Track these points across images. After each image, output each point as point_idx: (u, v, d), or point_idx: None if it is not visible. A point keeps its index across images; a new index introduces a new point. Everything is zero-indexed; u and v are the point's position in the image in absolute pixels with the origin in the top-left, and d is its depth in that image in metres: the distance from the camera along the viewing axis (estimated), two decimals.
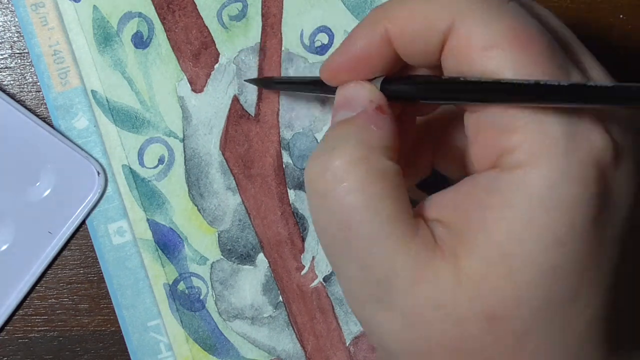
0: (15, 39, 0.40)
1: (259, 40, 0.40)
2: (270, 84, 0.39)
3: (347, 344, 0.41)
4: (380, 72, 0.29)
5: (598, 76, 0.27)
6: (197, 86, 0.40)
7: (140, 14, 0.39)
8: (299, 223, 0.40)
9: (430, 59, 0.28)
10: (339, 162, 0.27)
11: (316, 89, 0.35)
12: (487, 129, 0.26)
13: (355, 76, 0.29)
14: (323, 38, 0.40)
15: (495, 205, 0.25)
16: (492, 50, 0.25)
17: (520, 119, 0.25)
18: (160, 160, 0.40)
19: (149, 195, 0.40)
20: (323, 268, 0.40)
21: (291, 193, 0.40)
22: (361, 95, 0.29)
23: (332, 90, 0.31)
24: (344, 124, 0.29)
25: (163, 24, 0.40)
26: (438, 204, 0.28)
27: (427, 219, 0.28)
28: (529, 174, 0.25)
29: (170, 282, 0.40)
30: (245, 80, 0.40)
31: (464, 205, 0.26)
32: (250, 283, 0.40)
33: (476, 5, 0.26)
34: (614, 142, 0.25)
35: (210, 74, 0.40)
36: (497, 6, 0.26)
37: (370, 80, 0.30)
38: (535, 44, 0.25)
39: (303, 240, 0.40)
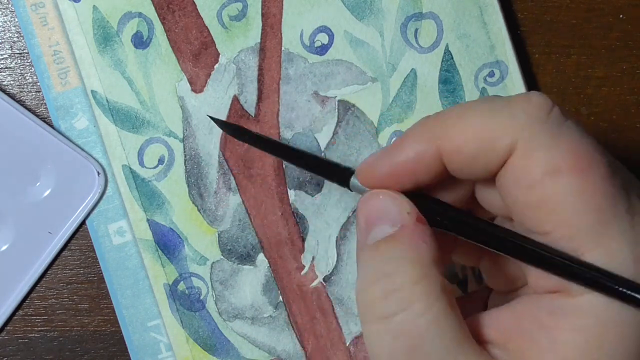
0: (15, 39, 0.40)
1: (259, 40, 0.40)
2: (239, 133, 0.38)
3: (347, 344, 0.41)
4: (423, 182, 0.28)
5: None
6: (197, 86, 0.40)
7: (140, 14, 0.39)
8: (299, 223, 0.40)
9: (482, 176, 0.27)
10: (400, 285, 0.26)
11: (285, 156, 0.35)
12: None
13: (394, 184, 0.28)
14: (323, 38, 0.40)
15: (564, 328, 0.25)
16: (553, 175, 0.25)
17: (586, 244, 0.25)
18: (160, 161, 0.40)
19: (149, 196, 0.40)
20: (323, 268, 0.40)
21: (291, 193, 0.40)
22: (395, 207, 0.28)
23: (302, 164, 0.33)
24: (390, 243, 0.28)
25: (163, 24, 0.40)
26: (494, 325, 0.27)
27: (483, 340, 0.27)
28: (598, 298, 0.25)
29: (170, 282, 0.40)
30: (210, 117, 0.39)
31: (526, 327, 0.26)
32: (250, 283, 0.40)
33: (537, 126, 0.26)
34: None
35: (210, 74, 0.40)
36: (557, 127, 0.26)
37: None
38: (595, 167, 0.25)
39: (303, 240, 0.40)
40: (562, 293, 0.26)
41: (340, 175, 0.31)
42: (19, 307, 0.40)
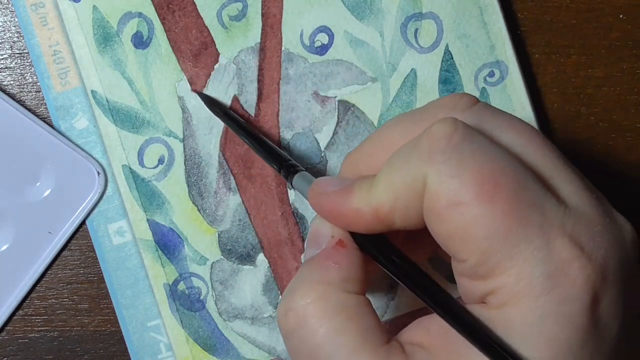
0: (15, 39, 0.40)
1: (259, 40, 0.40)
2: (219, 111, 0.39)
3: None
4: (369, 232, 0.29)
5: (574, 199, 0.27)
6: (197, 86, 0.40)
7: (140, 14, 0.39)
8: (299, 223, 0.40)
9: (419, 225, 0.28)
10: (297, 303, 0.28)
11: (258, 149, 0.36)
12: (468, 275, 0.27)
13: (340, 225, 0.30)
14: (323, 38, 0.40)
15: None
16: (456, 207, 0.26)
17: (498, 267, 0.25)
18: (160, 161, 0.40)
19: (149, 196, 0.40)
20: None
21: (291, 193, 0.40)
22: (324, 231, 0.30)
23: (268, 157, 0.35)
24: (306, 264, 0.30)
25: (163, 24, 0.40)
26: (423, 329, 0.28)
27: (409, 342, 0.28)
28: (510, 313, 0.25)
29: (170, 282, 0.40)
30: (194, 91, 0.39)
31: (449, 335, 0.27)
32: (251, 283, 0.40)
33: (439, 158, 0.26)
34: (597, 270, 0.25)
35: (210, 74, 0.40)
36: (458, 154, 0.26)
37: None
38: (499, 191, 0.25)
39: (303, 240, 0.40)
40: (483, 304, 0.27)
41: (286, 171, 0.34)
42: (19, 307, 0.40)
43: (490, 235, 0.25)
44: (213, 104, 0.39)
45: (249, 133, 0.38)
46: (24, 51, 0.40)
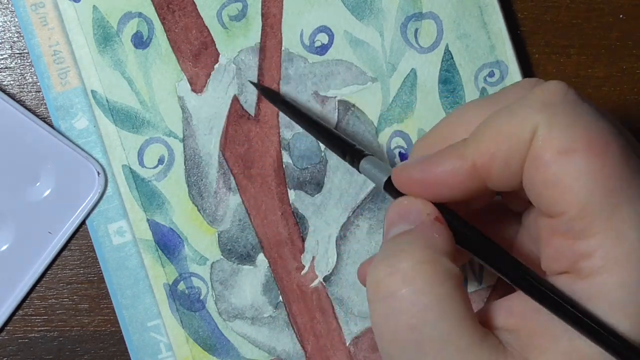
0: (15, 39, 0.40)
1: (259, 40, 0.40)
2: (275, 99, 0.39)
3: (347, 344, 0.41)
4: (454, 197, 0.29)
5: None
6: (197, 86, 0.40)
7: (140, 14, 0.39)
8: (299, 223, 0.40)
9: (520, 179, 0.28)
10: (406, 264, 0.27)
11: (318, 135, 0.36)
12: (562, 233, 0.26)
13: (426, 192, 0.29)
14: (323, 38, 0.40)
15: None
16: (568, 154, 0.26)
17: (597, 224, 0.25)
18: (160, 161, 0.40)
19: (149, 196, 0.40)
20: (323, 268, 0.40)
21: (291, 193, 0.40)
22: (416, 208, 0.29)
23: (331, 143, 0.35)
24: (405, 234, 0.29)
25: (163, 24, 0.40)
26: (506, 312, 0.28)
27: (493, 326, 0.28)
28: (607, 281, 0.25)
29: (170, 282, 0.40)
30: (250, 82, 0.40)
31: (535, 310, 0.26)
32: (250, 283, 0.40)
33: (553, 109, 0.26)
34: None
35: (210, 74, 0.40)
36: (573, 108, 0.26)
37: None
38: (610, 148, 0.25)
39: (303, 240, 0.40)
40: (572, 275, 0.26)
41: (352, 155, 0.34)
42: (19, 307, 0.40)
43: (594, 190, 0.25)
44: (268, 94, 0.39)
45: (308, 121, 0.37)
46: (24, 51, 0.40)
